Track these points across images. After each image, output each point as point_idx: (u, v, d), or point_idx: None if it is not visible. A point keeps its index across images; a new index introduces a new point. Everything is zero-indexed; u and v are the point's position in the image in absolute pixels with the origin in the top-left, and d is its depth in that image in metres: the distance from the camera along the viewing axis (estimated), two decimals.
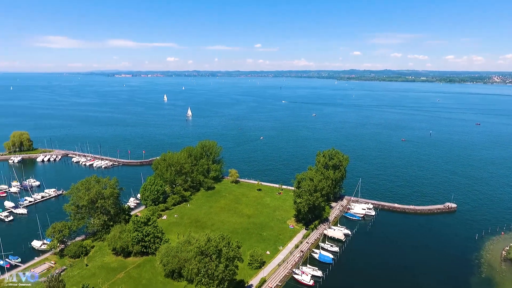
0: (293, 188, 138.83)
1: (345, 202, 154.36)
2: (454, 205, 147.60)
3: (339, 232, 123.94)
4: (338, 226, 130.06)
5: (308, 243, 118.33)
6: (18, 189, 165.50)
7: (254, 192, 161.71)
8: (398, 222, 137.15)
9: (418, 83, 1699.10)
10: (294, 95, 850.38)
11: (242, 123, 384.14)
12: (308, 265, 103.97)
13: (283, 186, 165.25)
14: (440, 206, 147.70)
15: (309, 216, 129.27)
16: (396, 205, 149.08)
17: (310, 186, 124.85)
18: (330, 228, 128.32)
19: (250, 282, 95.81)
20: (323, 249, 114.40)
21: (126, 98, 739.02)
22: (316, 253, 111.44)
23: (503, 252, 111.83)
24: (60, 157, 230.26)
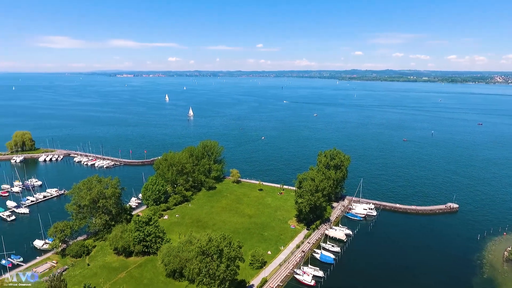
0: (294, 188, 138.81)
1: (346, 202, 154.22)
2: (456, 205, 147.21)
3: (341, 232, 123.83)
4: (340, 226, 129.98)
5: (309, 243, 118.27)
6: (20, 188, 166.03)
7: (256, 192, 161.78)
8: (400, 222, 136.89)
9: (420, 83, 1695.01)
10: (295, 95, 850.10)
11: (243, 123, 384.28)
12: (309, 265, 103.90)
13: (285, 186, 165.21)
14: (442, 207, 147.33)
15: (310, 216, 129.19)
16: (398, 205, 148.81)
17: (312, 186, 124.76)
18: (331, 228, 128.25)
19: (252, 282, 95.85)
20: (325, 249, 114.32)
21: (127, 98, 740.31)
22: (318, 253, 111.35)
23: (505, 252, 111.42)
24: (62, 157, 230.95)
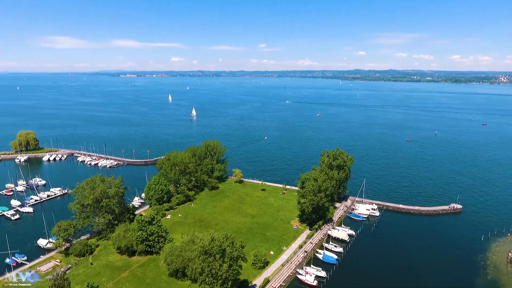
0: (297, 188, 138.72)
1: (349, 202, 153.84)
2: (460, 206, 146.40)
3: (343, 233, 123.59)
4: (342, 226, 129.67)
5: (312, 243, 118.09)
6: (25, 188, 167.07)
7: (258, 192, 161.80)
8: (403, 223, 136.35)
9: (424, 83, 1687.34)
10: (298, 95, 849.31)
11: (246, 123, 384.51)
12: (312, 265, 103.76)
13: (287, 186, 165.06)
14: (446, 207, 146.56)
15: (313, 216, 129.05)
16: (401, 205, 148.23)
17: (314, 186, 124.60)
18: (334, 228, 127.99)
19: (254, 282, 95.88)
20: (327, 249, 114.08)
21: (131, 98, 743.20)
22: (320, 253, 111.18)
23: (509, 254, 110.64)
24: (65, 156, 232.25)
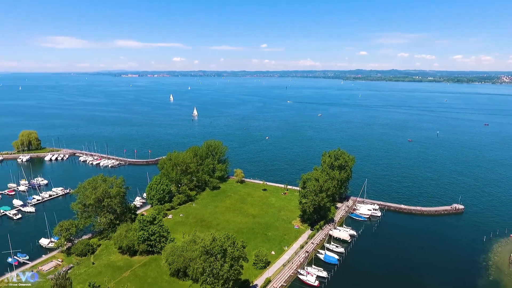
0: (298, 188, 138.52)
1: (350, 202, 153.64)
2: (462, 206, 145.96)
3: (345, 233, 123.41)
4: (344, 226, 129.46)
5: (313, 243, 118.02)
6: (27, 187, 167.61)
7: (260, 192, 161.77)
8: (404, 223, 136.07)
9: (425, 83, 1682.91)
10: (299, 95, 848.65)
11: (247, 123, 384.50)
12: (313, 265, 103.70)
13: (289, 186, 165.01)
14: (447, 208, 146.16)
15: (314, 216, 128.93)
16: (403, 206, 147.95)
17: (316, 186, 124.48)
18: (335, 228, 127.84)
19: (255, 282, 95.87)
20: (329, 249, 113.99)
21: (132, 98, 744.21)
22: (321, 253, 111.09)
23: None
24: (67, 156, 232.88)
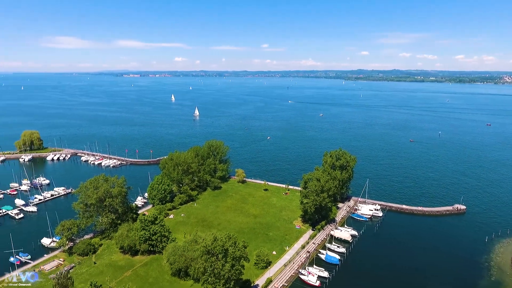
0: (299, 188, 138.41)
1: (352, 203, 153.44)
2: (464, 206, 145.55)
3: (346, 233, 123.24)
4: (345, 227, 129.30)
5: (314, 243, 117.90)
6: (29, 187, 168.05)
7: (261, 192, 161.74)
8: (406, 223, 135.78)
9: (427, 83, 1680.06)
10: (301, 95, 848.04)
11: (249, 123, 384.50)
12: (314, 265, 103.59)
13: (290, 186, 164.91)
14: (449, 208, 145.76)
15: (315, 216, 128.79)
16: (404, 206, 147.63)
17: (317, 186, 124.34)
18: (337, 229, 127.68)
19: (256, 282, 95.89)
20: (330, 250, 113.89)
21: (134, 98, 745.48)
22: (323, 253, 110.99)
23: None
24: (69, 156, 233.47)
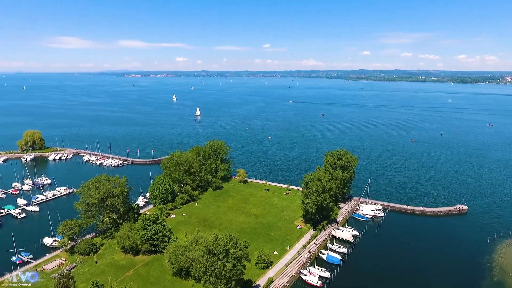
0: (301, 188, 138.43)
1: (353, 203, 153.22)
2: (466, 207, 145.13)
3: (347, 233, 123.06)
4: (347, 227, 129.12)
5: (316, 243, 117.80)
6: (31, 187, 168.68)
7: (262, 192, 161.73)
8: (408, 223, 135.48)
9: (429, 83, 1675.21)
10: (302, 95, 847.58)
11: (250, 123, 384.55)
12: (315, 266, 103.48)
13: (291, 186, 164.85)
14: (451, 208, 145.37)
15: (317, 216, 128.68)
16: (406, 206, 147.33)
17: (318, 186, 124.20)
18: (338, 229, 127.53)
19: (257, 282, 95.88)
20: (331, 250, 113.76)
21: (135, 98, 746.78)
22: (324, 254, 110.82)
23: None
24: (71, 155, 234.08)
